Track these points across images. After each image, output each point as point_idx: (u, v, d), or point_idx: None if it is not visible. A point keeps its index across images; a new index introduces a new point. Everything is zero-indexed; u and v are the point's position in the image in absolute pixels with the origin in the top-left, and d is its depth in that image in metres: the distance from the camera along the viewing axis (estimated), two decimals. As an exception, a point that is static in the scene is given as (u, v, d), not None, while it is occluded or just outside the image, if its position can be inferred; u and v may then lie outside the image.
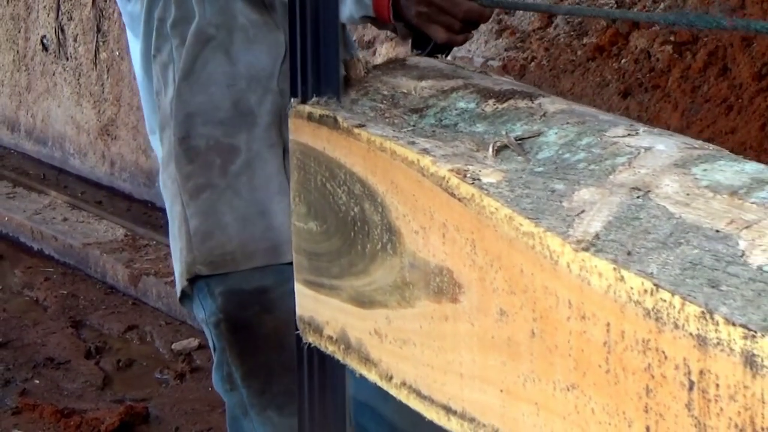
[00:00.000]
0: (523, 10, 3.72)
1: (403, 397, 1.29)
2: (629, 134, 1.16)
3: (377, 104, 1.45)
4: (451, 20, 1.79)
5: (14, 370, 4.26)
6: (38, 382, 4.16)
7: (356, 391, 1.64)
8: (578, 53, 3.97)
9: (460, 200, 1.15)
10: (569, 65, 3.97)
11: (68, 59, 6.52)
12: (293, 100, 1.47)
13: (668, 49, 3.72)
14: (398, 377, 1.30)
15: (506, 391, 1.12)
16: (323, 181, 1.40)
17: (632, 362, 0.96)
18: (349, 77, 1.51)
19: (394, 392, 1.31)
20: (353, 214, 1.34)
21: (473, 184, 1.14)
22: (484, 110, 1.35)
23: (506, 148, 1.20)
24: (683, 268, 0.93)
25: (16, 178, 6.49)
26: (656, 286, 0.93)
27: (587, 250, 1.00)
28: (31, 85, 6.91)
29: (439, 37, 1.81)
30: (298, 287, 1.51)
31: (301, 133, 1.45)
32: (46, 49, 6.70)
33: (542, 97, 1.33)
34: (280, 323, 1.55)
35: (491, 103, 1.35)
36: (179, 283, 2.00)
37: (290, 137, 1.49)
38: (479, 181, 1.14)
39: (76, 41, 6.46)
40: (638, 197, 1.03)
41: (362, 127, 1.33)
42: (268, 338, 1.94)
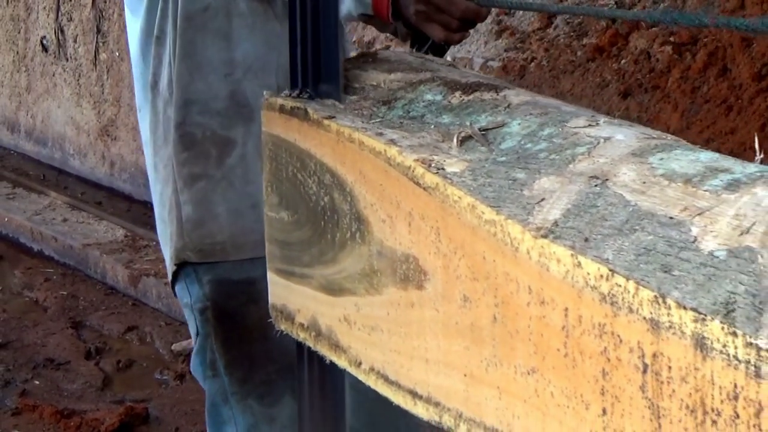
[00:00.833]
0: (519, 9, 3.73)
1: (371, 382, 1.32)
2: (590, 125, 1.19)
3: (348, 96, 1.48)
4: (448, 19, 1.83)
5: (14, 370, 4.26)
6: (38, 382, 4.17)
7: None
8: (578, 54, 3.98)
9: (425, 189, 1.17)
10: (569, 66, 3.98)
11: (68, 60, 6.52)
12: (265, 92, 1.50)
13: (668, 49, 3.74)
14: (367, 363, 1.32)
15: (470, 375, 1.14)
16: (294, 171, 1.42)
17: (589, 346, 0.99)
18: None
19: (362, 378, 1.33)
20: (323, 203, 1.37)
21: (438, 173, 1.16)
22: (450, 102, 1.37)
23: (470, 138, 1.23)
24: (638, 253, 0.96)
25: (16, 178, 6.48)
26: (612, 271, 0.96)
27: (546, 237, 1.02)
28: (30, 85, 6.91)
29: (436, 35, 1.84)
30: (270, 276, 1.54)
31: (273, 125, 1.48)
32: (45, 49, 6.70)
33: (507, 89, 1.36)
34: (265, 314, 1.58)
35: (458, 95, 1.38)
36: (169, 267, 2.04)
37: (263, 129, 1.51)
38: (443, 170, 1.17)
39: (75, 42, 6.46)
40: (596, 186, 1.06)
41: (332, 118, 1.35)
42: (253, 328, 1.97)
